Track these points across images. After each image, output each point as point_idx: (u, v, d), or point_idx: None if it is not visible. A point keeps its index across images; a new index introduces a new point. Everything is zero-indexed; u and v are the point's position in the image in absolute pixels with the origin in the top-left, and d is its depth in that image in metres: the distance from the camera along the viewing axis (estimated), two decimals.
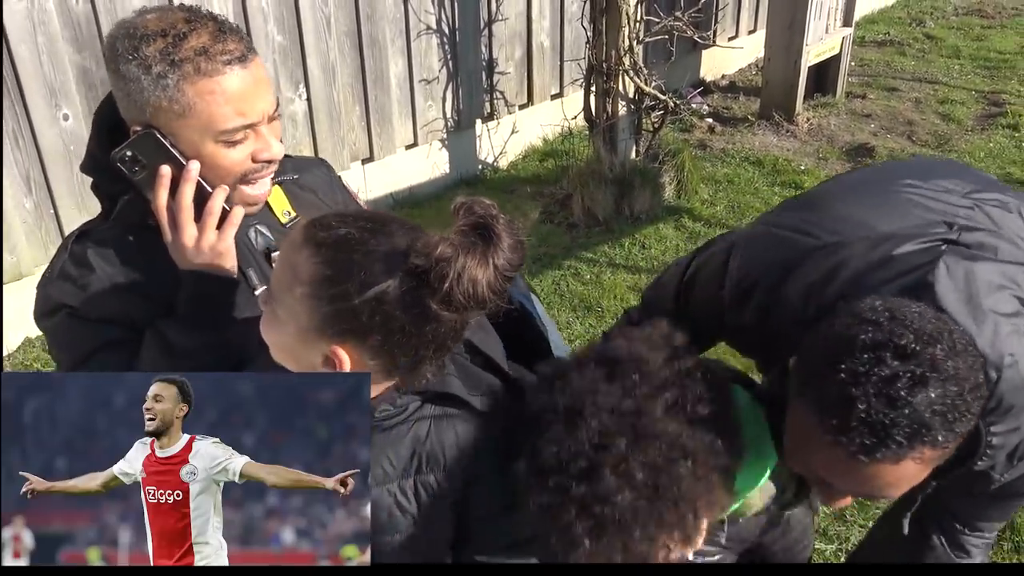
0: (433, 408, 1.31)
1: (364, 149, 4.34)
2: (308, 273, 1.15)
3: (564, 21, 4.97)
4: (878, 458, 1.18)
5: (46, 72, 3.28)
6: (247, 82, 1.33)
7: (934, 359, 1.17)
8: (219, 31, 1.33)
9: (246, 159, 1.40)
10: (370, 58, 4.21)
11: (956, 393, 1.17)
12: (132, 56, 1.30)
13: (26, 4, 3.17)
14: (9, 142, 3.27)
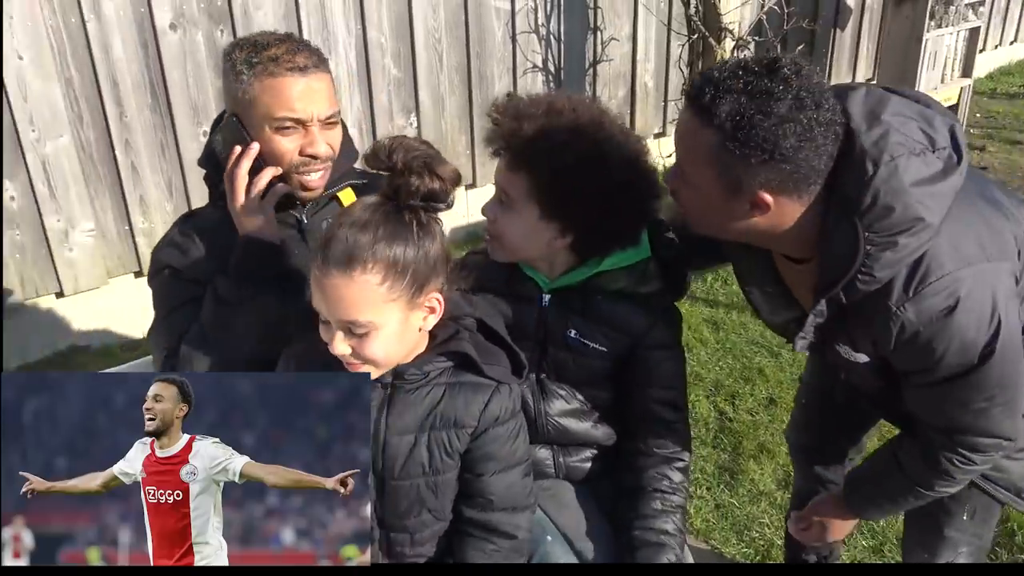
0: (447, 376, 1.29)
1: (468, 176, 4.15)
2: (375, 280, 1.17)
3: (669, 64, 4.58)
4: (685, 105, 1.22)
5: (192, 93, 3.26)
6: (302, 87, 1.42)
7: (777, 89, 1.14)
8: (295, 48, 1.43)
9: (295, 149, 1.46)
10: (477, 92, 4.01)
11: (756, 109, 1.14)
12: (230, 59, 1.45)
13: (180, 35, 3.15)
14: (157, 153, 3.27)
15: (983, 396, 1.30)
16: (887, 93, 1.24)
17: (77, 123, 3.07)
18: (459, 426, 1.27)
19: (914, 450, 1.46)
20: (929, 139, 1.20)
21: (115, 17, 3.02)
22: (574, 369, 1.53)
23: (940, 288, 1.21)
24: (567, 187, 1.36)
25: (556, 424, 1.55)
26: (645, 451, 1.54)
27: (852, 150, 1.19)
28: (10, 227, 3.04)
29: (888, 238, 1.18)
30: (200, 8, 3.17)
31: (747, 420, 2.86)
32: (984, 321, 1.24)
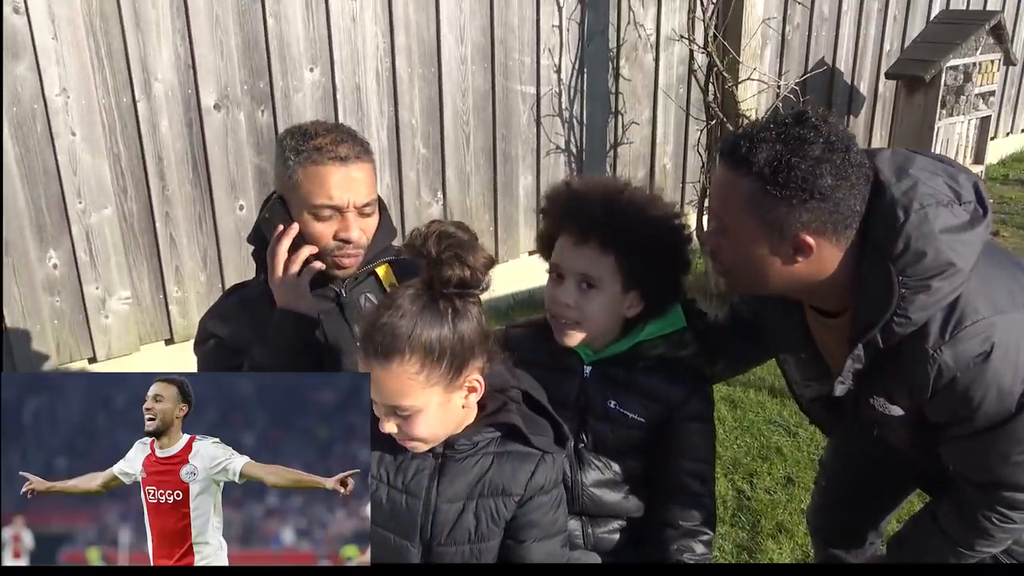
0: (495, 446, 1.31)
1: (490, 251, 4.17)
2: (411, 370, 1.18)
3: (687, 147, 4.66)
4: (721, 162, 1.27)
5: (231, 170, 3.36)
6: (341, 176, 1.48)
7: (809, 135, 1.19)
8: (340, 139, 1.50)
9: (331, 234, 1.52)
10: (502, 172, 4.10)
11: (792, 153, 1.18)
12: (281, 145, 1.52)
13: (223, 114, 3.27)
14: (194, 225, 3.35)
15: (1022, 447, 1.29)
16: (912, 153, 1.29)
17: (121, 196, 3.16)
18: (507, 494, 1.29)
19: (952, 510, 1.44)
20: (955, 192, 1.23)
21: (164, 97, 3.15)
22: (612, 439, 1.54)
23: (976, 332, 1.22)
24: (649, 257, 1.43)
25: (591, 494, 1.56)
26: (671, 523, 1.54)
27: (883, 199, 1.22)
28: (51, 293, 3.10)
29: (921, 282, 1.20)
30: (244, 90, 3.30)
31: (765, 499, 2.77)
32: (1020, 369, 1.24)
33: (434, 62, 3.70)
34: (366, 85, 3.56)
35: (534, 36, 3.95)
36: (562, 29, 4.03)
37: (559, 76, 4.10)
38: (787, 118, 1.23)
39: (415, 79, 3.68)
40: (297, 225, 1.51)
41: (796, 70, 4.91)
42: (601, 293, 1.45)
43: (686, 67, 4.43)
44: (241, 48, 3.26)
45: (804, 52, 4.99)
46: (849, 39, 5.21)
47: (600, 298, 1.45)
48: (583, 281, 1.45)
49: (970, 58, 4.79)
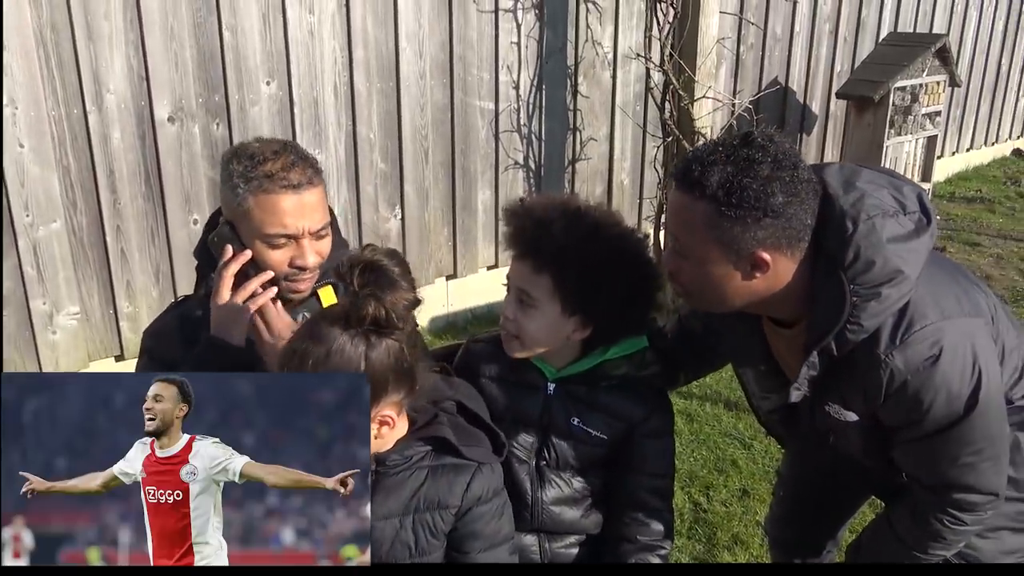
0: (430, 459, 1.33)
1: (449, 266, 4.25)
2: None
3: (644, 164, 4.80)
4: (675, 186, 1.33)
5: (185, 183, 3.36)
6: (294, 204, 1.45)
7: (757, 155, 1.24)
8: (291, 164, 1.46)
9: (285, 261, 1.50)
10: (461, 187, 4.16)
11: (743, 174, 1.24)
12: (228, 169, 1.48)
13: (177, 127, 3.28)
14: (147, 239, 3.35)
15: (971, 449, 1.36)
16: (858, 167, 1.36)
17: (71, 209, 3.14)
18: (443, 507, 1.31)
19: (905, 514, 1.50)
20: (900, 203, 1.31)
21: (116, 109, 3.15)
22: (574, 456, 1.57)
23: (925, 336, 1.29)
24: (592, 284, 1.43)
25: (551, 512, 1.58)
26: (629, 537, 1.57)
27: (833, 211, 1.28)
28: None
29: (872, 290, 1.27)
30: (199, 103, 3.32)
31: (721, 511, 2.86)
32: (967, 372, 1.30)
33: (393, 76, 3.76)
34: (324, 99, 3.60)
35: (493, 52, 4.05)
36: (520, 46, 4.14)
37: (518, 92, 4.20)
38: (735, 139, 1.28)
39: (373, 93, 3.73)
40: (249, 252, 1.48)
41: (750, 89, 5.10)
42: (539, 312, 1.46)
43: (643, 85, 4.57)
44: (196, 60, 3.27)
45: (758, 71, 5.19)
46: (801, 59, 5.44)
47: (538, 316, 1.47)
48: (521, 297, 1.48)
49: (917, 79, 5.03)
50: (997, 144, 7.44)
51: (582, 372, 1.54)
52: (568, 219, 1.44)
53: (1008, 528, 1.54)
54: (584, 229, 1.44)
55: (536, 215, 1.46)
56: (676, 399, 3.60)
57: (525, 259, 1.46)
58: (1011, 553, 1.58)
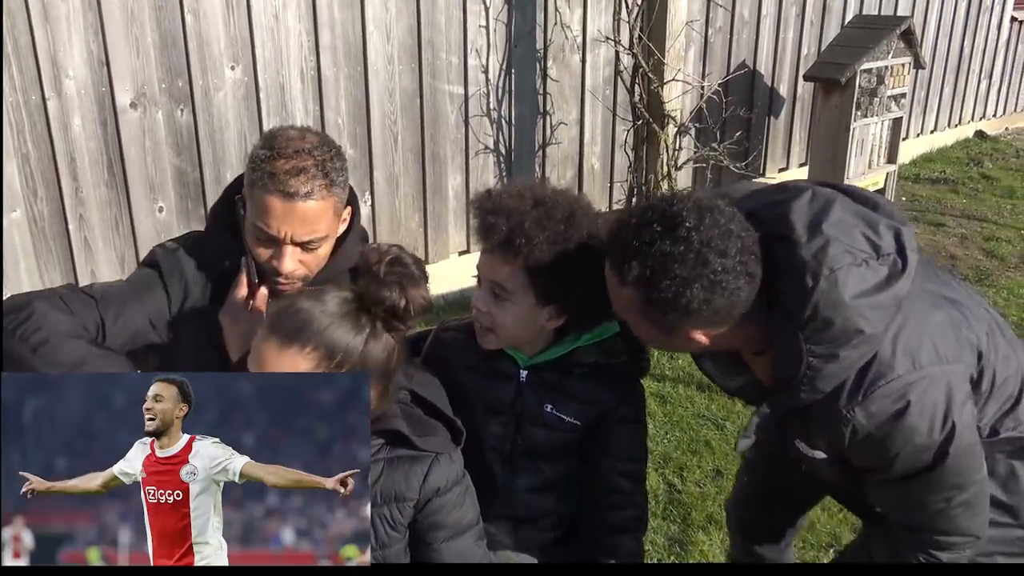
0: (386, 451, 1.32)
1: (420, 253, 4.22)
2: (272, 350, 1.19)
3: (615, 147, 4.83)
4: (610, 270, 1.29)
5: (149, 171, 3.32)
6: (284, 211, 1.45)
7: (676, 251, 1.20)
8: (300, 171, 1.44)
9: (265, 257, 1.51)
10: (431, 172, 4.16)
11: (660, 273, 1.20)
12: (254, 151, 1.49)
13: (140, 113, 3.24)
14: (110, 228, 3.31)
15: (940, 496, 1.32)
16: (832, 197, 1.27)
17: (31, 198, 3.09)
18: (400, 500, 1.31)
19: (883, 548, 1.48)
20: (873, 246, 1.23)
21: (76, 96, 3.10)
22: (546, 443, 1.58)
23: (889, 392, 1.24)
24: (566, 273, 1.43)
25: (523, 499, 1.60)
26: (604, 521, 1.60)
27: (793, 262, 1.22)
28: None
29: (829, 350, 1.21)
30: (161, 88, 3.28)
31: (695, 492, 2.92)
32: (937, 425, 1.26)
33: (360, 61, 3.75)
34: (290, 84, 3.58)
35: (461, 36, 4.05)
36: (489, 30, 4.14)
37: (487, 76, 4.20)
38: (657, 224, 1.22)
39: (341, 79, 3.72)
40: (264, 292, 1.53)
41: (719, 72, 5.16)
42: (513, 304, 1.47)
43: (612, 68, 4.61)
44: (158, 45, 3.23)
45: (726, 54, 5.24)
46: (769, 42, 5.50)
47: (512, 308, 1.47)
48: (494, 290, 1.48)
49: (882, 61, 5.13)
50: (960, 126, 7.62)
51: (554, 359, 1.56)
52: (540, 210, 1.43)
53: (1002, 552, 1.50)
54: (557, 220, 1.43)
55: (507, 207, 1.44)
56: (649, 382, 3.69)
57: (496, 252, 1.45)
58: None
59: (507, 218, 1.42)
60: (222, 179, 3.47)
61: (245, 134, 3.51)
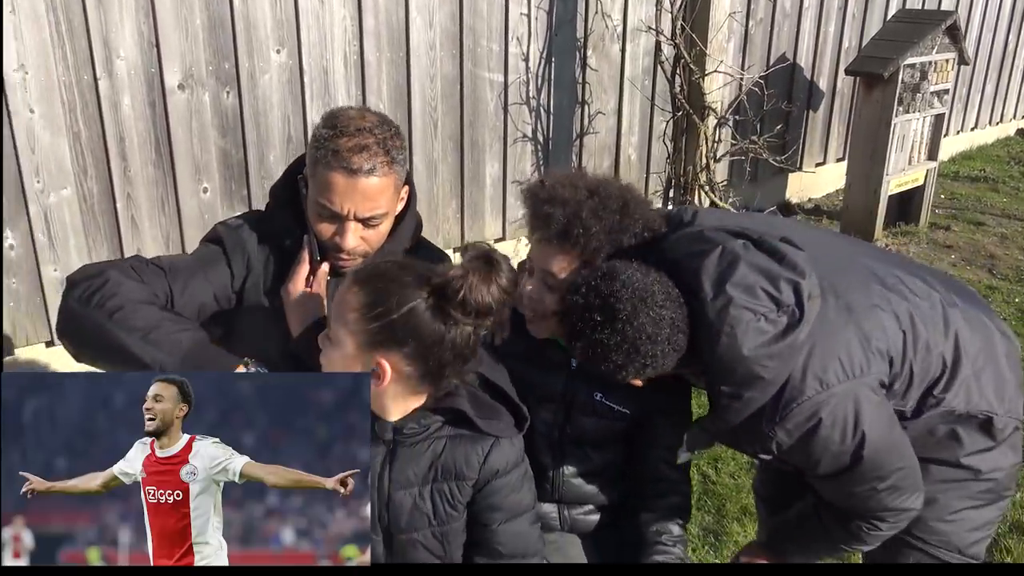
0: (449, 429, 1.32)
1: (457, 239, 4.18)
2: (356, 303, 1.21)
3: (652, 138, 4.70)
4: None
5: (195, 151, 3.30)
6: (347, 187, 1.46)
7: (610, 340, 1.33)
8: (362, 148, 1.45)
9: (328, 233, 1.52)
10: (469, 159, 4.08)
11: (606, 362, 1.35)
12: (317, 130, 1.51)
13: (187, 95, 3.21)
14: (156, 207, 3.29)
15: (866, 487, 1.45)
16: (739, 255, 1.36)
17: (82, 176, 3.09)
18: (460, 478, 1.30)
19: (830, 514, 1.57)
20: (774, 300, 1.34)
21: (126, 76, 3.08)
22: (595, 432, 1.59)
23: (802, 412, 1.37)
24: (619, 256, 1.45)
25: (570, 484, 1.61)
26: (649, 507, 1.60)
27: (702, 318, 1.34)
28: (8, 275, 3.02)
29: (734, 391, 1.35)
30: (208, 71, 3.25)
31: (729, 483, 2.86)
32: (848, 434, 1.39)
33: (402, 47, 3.68)
34: (334, 68, 3.52)
35: (503, 23, 3.95)
36: (530, 17, 4.04)
37: (527, 64, 4.11)
38: (597, 313, 1.33)
39: (383, 64, 3.65)
40: (326, 267, 1.55)
41: (759, 64, 4.99)
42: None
43: (652, 58, 4.47)
44: (207, 28, 3.20)
45: (766, 47, 5.07)
46: (810, 35, 5.31)
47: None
48: (546, 280, 1.46)
49: (926, 56, 4.91)
50: (1002, 124, 7.30)
51: None
52: (595, 200, 1.43)
53: (970, 507, 1.59)
54: (612, 210, 1.43)
55: (562, 197, 1.43)
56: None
57: (553, 242, 1.43)
58: (979, 528, 1.62)
59: (563, 208, 1.41)
60: (265, 161, 3.44)
61: (289, 117, 3.46)
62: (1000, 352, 1.57)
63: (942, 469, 1.55)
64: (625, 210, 1.44)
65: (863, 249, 1.74)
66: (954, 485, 1.57)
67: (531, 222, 1.48)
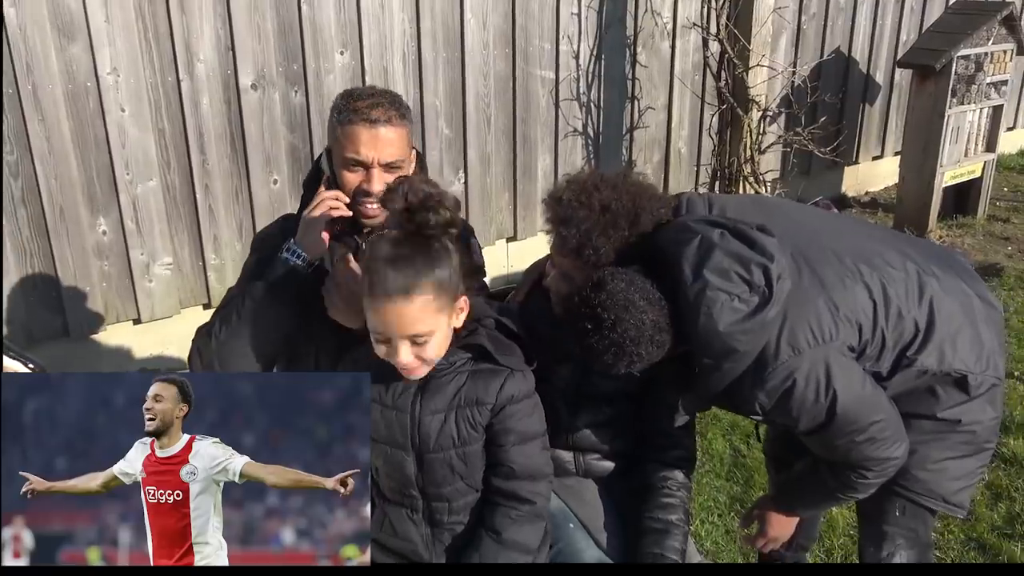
0: (471, 364, 1.43)
1: (509, 229, 4.08)
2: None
3: (702, 132, 4.49)
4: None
5: (266, 145, 3.29)
6: (368, 136, 1.56)
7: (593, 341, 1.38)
8: (377, 103, 1.57)
9: (356, 183, 1.61)
10: (521, 152, 3.96)
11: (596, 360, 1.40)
12: (335, 104, 1.62)
13: (259, 94, 3.21)
14: (231, 197, 3.30)
15: (845, 440, 1.50)
16: (714, 242, 1.42)
17: (165, 168, 3.12)
18: (480, 404, 1.40)
19: (825, 464, 1.61)
20: (747, 282, 1.39)
21: (205, 77, 3.09)
22: (609, 388, 1.64)
23: (777, 374, 1.43)
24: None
25: (584, 434, 1.66)
26: (654, 458, 1.66)
27: (685, 301, 1.40)
28: (100, 258, 3.08)
29: (714, 363, 1.42)
30: (279, 72, 3.22)
31: (759, 458, 2.75)
32: (821, 393, 1.45)
33: (458, 47, 3.59)
34: (393, 68, 3.46)
35: (554, 23, 3.81)
36: (581, 16, 3.88)
37: (577, 62, 3.96)
38: (586, 321, 1.38)
39: (439, 63, 3.57)
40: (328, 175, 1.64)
41: (812, 58, 4.71)
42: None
43: (701, 54, 4.26)
44: (277, 32, 3.17)
45: (820, 41, 4.78)
46: (865, 29, 4.98)
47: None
48: (563, 274, 1.54)
49: (982, 48, 4.54)
50: None
51: None
52: (607, 217, 1.47)
53: (950, 458, 1.63)
54: (621, 227, 1.48)
55: (576, 218, 1.47)
56: None
57: (567, 256, 1.51)
58: (961, 478, 1.66)
59: (577, 228, 1.47)
60: None
61: None
62: (979, 317, 1.60)
63: (921, 423, 1.60)
64: (635, 223, 1.48)
65: (850, 227, 1.82)
66: (934, 436, 1.61)
67: (550, 233, 1.56)
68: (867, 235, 1.70)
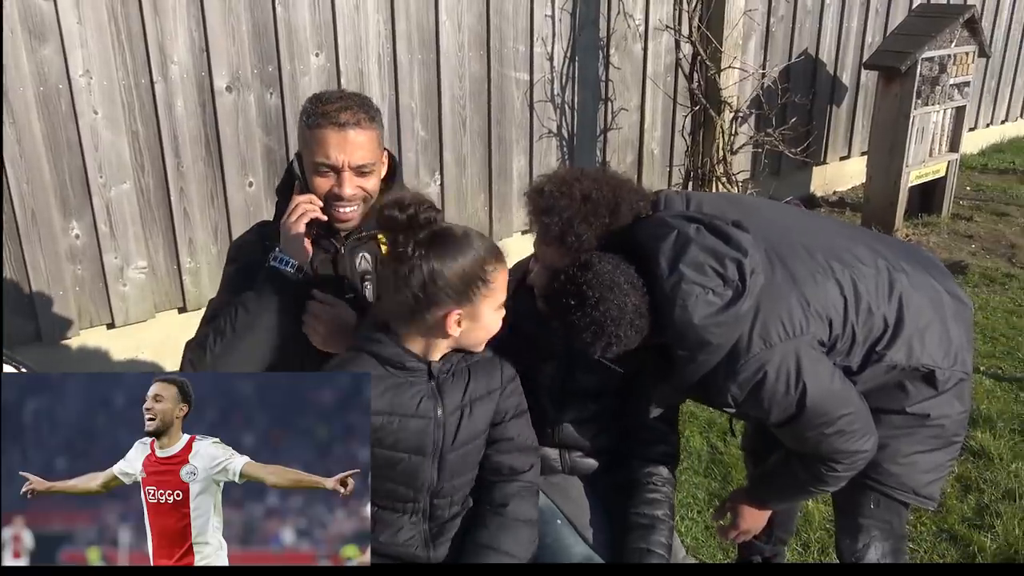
0: (463, 361, 1.49)
1: (486, 230, 4.07)
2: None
3: (675, 132, 4.55)
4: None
5: (241, 149, 3.26)
6: (336, 139, 1.55)
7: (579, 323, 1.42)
8: (345, 107, 1.56)
9: (328, 188, 1.59)
10: (497, 154, 3.98)
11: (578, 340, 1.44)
12: (303, 109, 1.61)
13: (234, 96, 3.18)
14: (207, 200, 3.27)
15: (815, 432, 1.52)
16: (690, 237, 1.44)
17: (139, 171, 3.08)
18: (492, 391, 1.49)
19: (797, 457, 1.64)
20: (721, 276, 1.42)
21: (179, 79, 3.05)
22: (593, 385, 1.65)
23: (749, 367, 1.46)
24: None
25: (569, 431, 1.68)
26: (638, 454, 1.68)
27: (662, 293, 1.42)
28: (74, 262, 3.03)
29: (688, 355, 1.45)
30: (254, 74, 3.20)
31: (736, 454, 2.81)
32: (792, 386, 1.47)
33: (433, 48, 3.59)
34: (368, 70, 3.46)
35: (528, 25, 3.84)
36: (555, 19, 3.92)
37: (552, 64, 3.99)
38: (571, 297, 1.41)
39: (415, 65, 3.57)
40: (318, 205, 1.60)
41: (780, 60, 4.80)
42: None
43: (673, 56, 4.31)
44: (251, 34, 3.15)
45: (788, 43, 4.87)
46: (832, 31, 5.09)
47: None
48: (547, 267, 1.55)
49: (945, 50, 4.67)
50: None
51: None
52: (587, 206, 1.50)
53: (919, 451, 1.65)
54: (602, 215, 1.50)
55: (558, 207, 1.49)
56: None
57: (550, 245, 1.53)
58: (930, 471, 1.68)
59: (559, 216, 1.49)
60: None
61: None
62: (948, 313, 1.62)
63: (891, 417, 1.61)
64: (615, 212, 1.50)
65: (822, 224, 1.83)
66: (904, 431, 1.63)
67: (533, 225, 1.58)
68: (838, 232, 1.72)
